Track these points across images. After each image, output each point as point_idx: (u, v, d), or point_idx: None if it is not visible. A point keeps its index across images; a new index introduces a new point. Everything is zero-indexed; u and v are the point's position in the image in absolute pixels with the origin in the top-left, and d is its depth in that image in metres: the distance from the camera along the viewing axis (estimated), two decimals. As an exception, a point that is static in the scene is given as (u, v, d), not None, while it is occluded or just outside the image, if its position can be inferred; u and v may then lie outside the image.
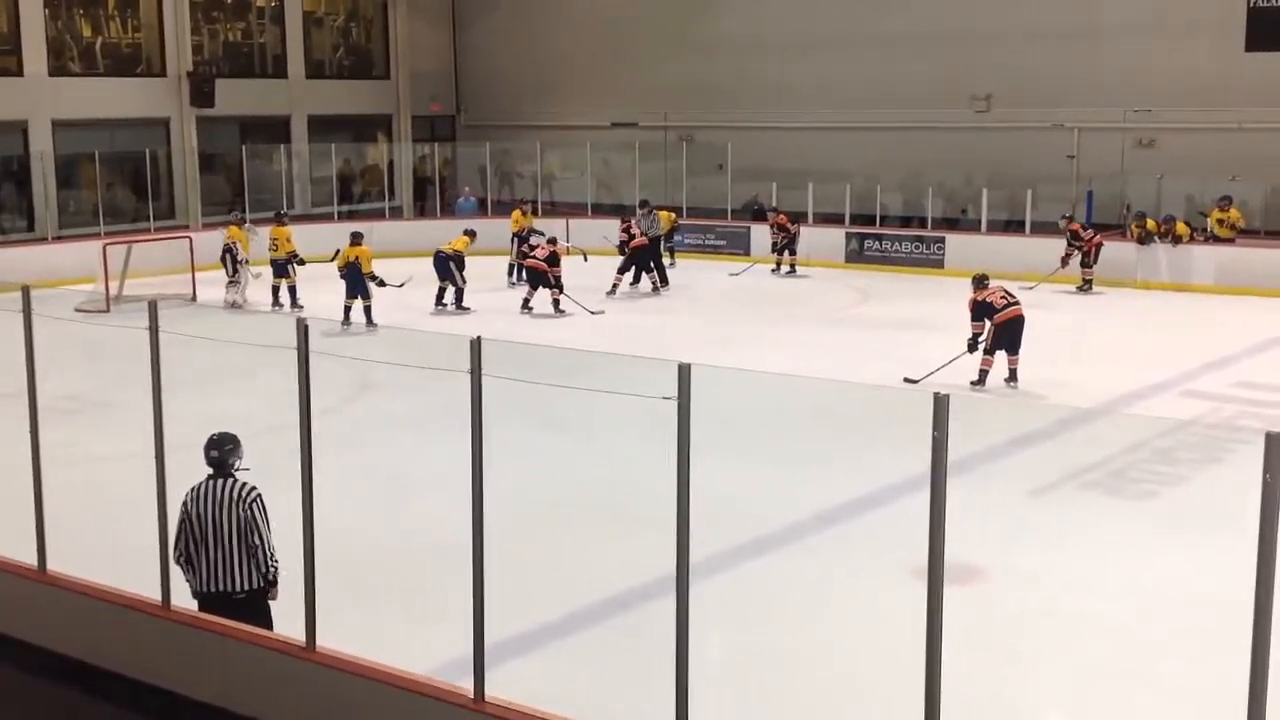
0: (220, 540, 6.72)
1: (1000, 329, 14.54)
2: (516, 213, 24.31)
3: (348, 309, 18.74)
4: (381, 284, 18.99)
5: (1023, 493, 10.96)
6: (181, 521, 6.80)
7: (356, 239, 19.21)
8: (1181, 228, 22.48)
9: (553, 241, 20.57)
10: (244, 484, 6.81)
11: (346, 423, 13.25)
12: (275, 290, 20.77)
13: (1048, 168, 25.56)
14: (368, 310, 18.84)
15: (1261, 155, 23.52)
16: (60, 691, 7.25)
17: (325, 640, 6.48)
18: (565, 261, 20.51)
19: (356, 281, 18.78)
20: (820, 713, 7.15)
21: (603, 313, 20.12)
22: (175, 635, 6.96)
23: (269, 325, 18.63)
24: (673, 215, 25.58)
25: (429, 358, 7.98)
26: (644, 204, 24.22)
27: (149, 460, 7.00)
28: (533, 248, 20.58)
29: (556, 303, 20.05)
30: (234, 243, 21.03)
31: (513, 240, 23.50)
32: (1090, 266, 22.09)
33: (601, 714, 5.78)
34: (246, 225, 21.90)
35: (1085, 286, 22.04)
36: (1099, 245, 22.14)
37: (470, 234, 21.09)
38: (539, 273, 20.06)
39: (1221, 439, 12.78)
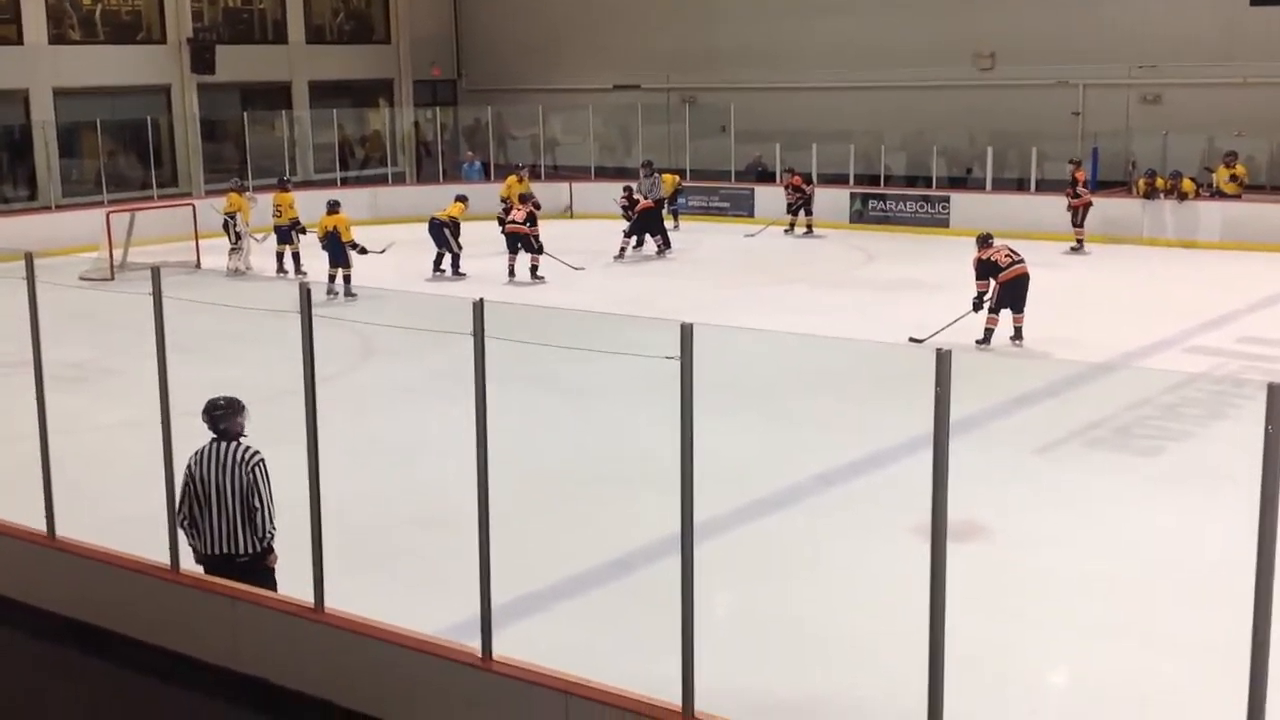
0: (223, 503, 6.76)
1: (1005, 287, 14.53)
2: (512, 179, 23.66)
3: (331, 278, 18.54)
4: (363, 251, 18.70)
5: (1028, 450, 10.97)
6: (185, 484, 6.85)
7: (334, 207, 18.91)
8: (1187, 184, 22.40)
9: (525, 200, 20.47)
10: (247, 447, 6.85)
11: (351, 388, 13.26)
12: (279, 257, 20.76)
13: (1052, 125, 25.45)
14: (347, 279, 18.54)
15: (1267, 110, 23.43)
16: (71, 655, 7.30)
17: (333, 602, 6.51)
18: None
19: (337, 250, 18.59)
20: (824, 671, 7.19)
21: (583, 269, 19.98)
22: (184, 598, 7.01)
23: (273, 291, 18.62)
24: (676, 178, 25.50)
25: (432, 322, 8.02)
26: (646, 164, 24.12)
27: (155, 427, 7.02)
28: (507, 212, 20.44)
29: (534, 268, 19.94)
30: (235, 211, 21.00)
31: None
32: (1080, 226, 21.94)
33: (607, 672, 5.80)
34: (248, 194, 21.84)
35: (1078, 246, 21.87)
36: (1088, 205, 21.98)
37: (463, 200, 20.97)
38: (519, 236, 19.95)
39: (1226, 394, 12.79)
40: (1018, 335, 14.70)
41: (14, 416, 8.42)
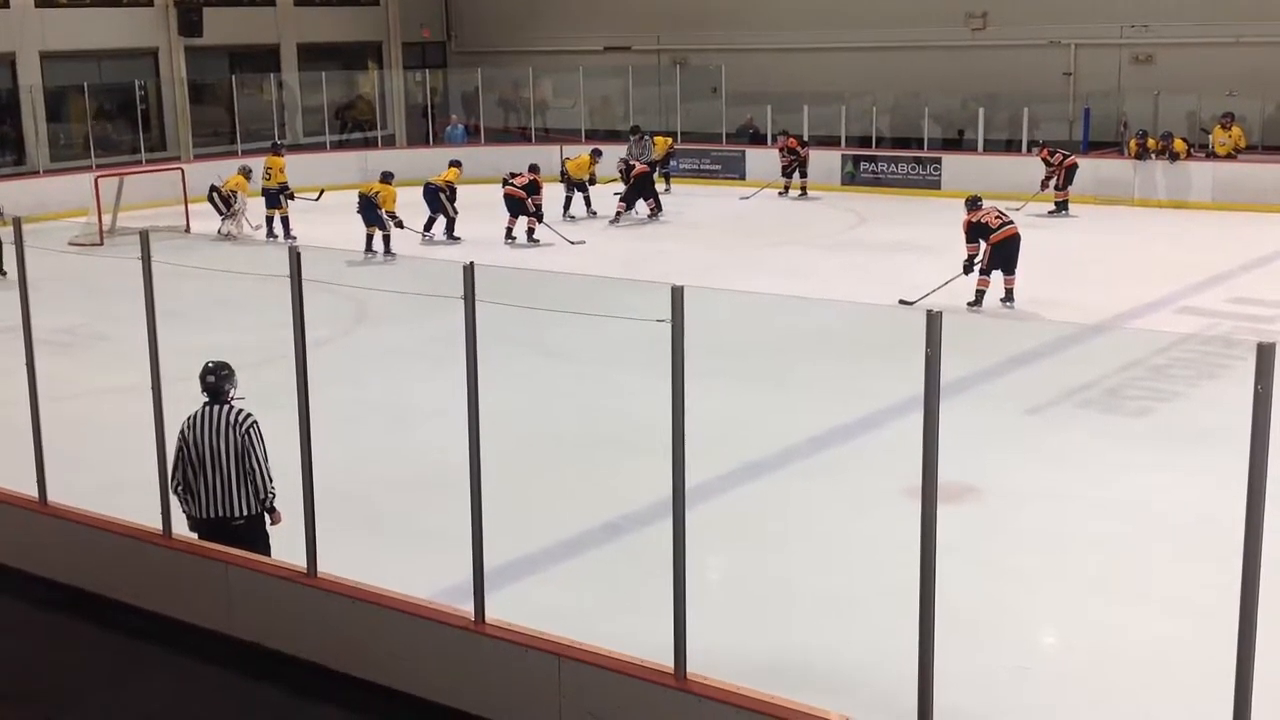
0: (218, 466, 6.77)
1: (996, 249, 14.51)
2: (585, 157, 22.63)
3: (369, 237, 18.85)
4: (399, 225, 18.98)
5: (1019, 412, 11.00)
6: (179, 449, 6.85)
7: (386, 178, 19.16)
8: (1179, 144, 22.34)
9: (534, 170, 20.43)
10: (240, 410, 6.86)
11: (344, 353, 13.26)
12: (269, 221, 20.70)
13: (1044, 86, 25.38)
14: (386, 240, 18.85)
15: (1259, 70, 23.35)
16: (64, 621, 7.32)
17: (327, 567, 6.53)
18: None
19: (371, 213, 18.77)
20: (816, 632, 7.22)
21: (583, 243, 19.94)
22: (177, 563, 7.03)
23: (263, 256, 18.58)
24: (669, 140, 25.40)
25: (425, 286, 8.01)
26: (635, 129, 23.98)
27: (146, 391, 7.02)
28: (514, 176, 20.41)
29: (531, 231, 19.99)
30: (234, 191, 20.86)
31: (569, 184, 22.43)
32: (1063, 189, 21.76)
33: (599, 635, 5.83)
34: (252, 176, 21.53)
35: (1056, 210, 21.61)
36: (1072, 167, 21.80)
37: (457, 164, 20.89)
38: (518, 200, 19.95)
39: (1217, 354, 12.81)
40: (1009, 297, 14.70)
41: (4, 382, 8.40)
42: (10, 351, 7.86)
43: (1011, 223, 14.71)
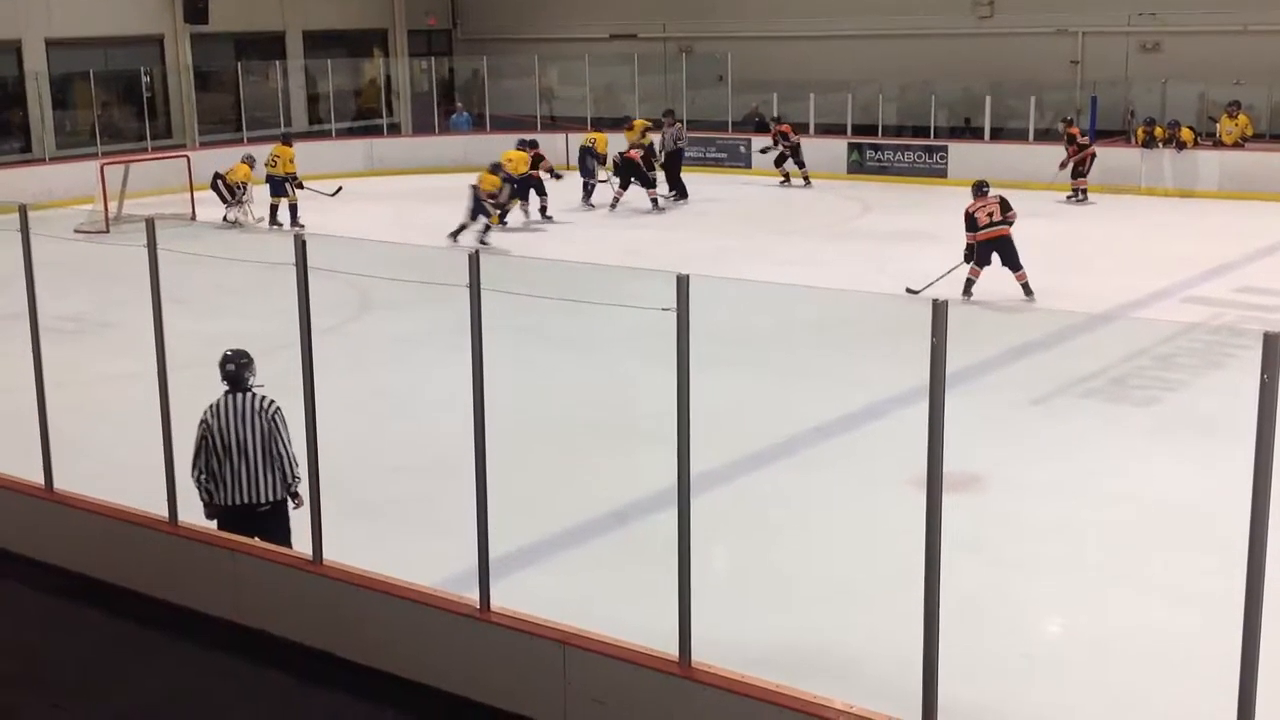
0: (245, 453, 6.78)
1: (981, 246, 14.32)
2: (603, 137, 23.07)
3: (462, 226, 18.76)
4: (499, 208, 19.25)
5: (1024, 401, 10.99)
6: (203, 438, 6.85)
7: (495, 169, 19.29)
8: (1186, 133, 22.28)
9: (533, 145, 20.71)
10: (264, 396, 6.89)
11: (350, 341, 13.26)
12: (274, 209, 20.68)
13: (1051, 74, 25.32)
14: (487, 227, 18.78)
15: (1266, 59, 23.28)
16: (69, 607, 7.33)
17: (332, 555, 6.54)
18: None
19: (479, 205, 18.88)
20: (821, 621, 7.23)
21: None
22: (183, 551, 7.04)
23: (269, 244, 18.59)
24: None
25: (429, 274, 8.00)
26: (668, 113, 23.72)
27: (152, 379, 7.03)
28: (495, 168, 20.37)
29: (544, 209, 20.55)
30: (243, 182, 20.86)
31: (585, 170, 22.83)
32: (1083, 176, 21.76)
33: (604, 623, 5.84)
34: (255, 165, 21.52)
35: (1075, 196, 21.68)
36: (1093, 156, 21.80)
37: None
38: (532, 180, 20.50)
39: (1223, 344, 12.79)
40: (1026, 291, 14.41)
41: (11, 369, 8.41)
42: (16, 338, 7.86)
43: (1002, 223, 14.40)
